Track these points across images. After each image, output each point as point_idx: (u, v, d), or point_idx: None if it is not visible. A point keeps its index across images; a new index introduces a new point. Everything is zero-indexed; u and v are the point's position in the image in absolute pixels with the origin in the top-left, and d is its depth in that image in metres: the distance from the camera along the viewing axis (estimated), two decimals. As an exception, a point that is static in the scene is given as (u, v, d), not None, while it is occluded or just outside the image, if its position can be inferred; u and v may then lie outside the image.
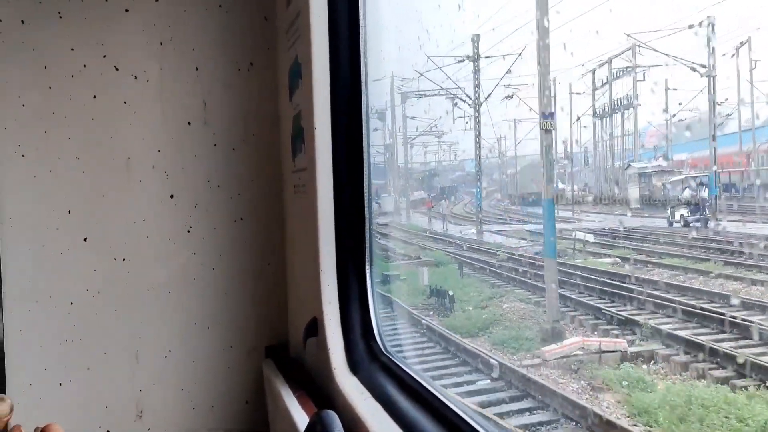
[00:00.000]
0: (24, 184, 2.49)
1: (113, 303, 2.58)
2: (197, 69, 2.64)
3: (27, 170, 2.49)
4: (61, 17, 2.51)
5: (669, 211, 14.41)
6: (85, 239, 2.55)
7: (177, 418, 2.65)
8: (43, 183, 2.51)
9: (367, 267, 2.20)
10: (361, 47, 2.21)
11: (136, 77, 2.58)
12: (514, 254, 15.81)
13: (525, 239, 17.86)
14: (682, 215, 13.54)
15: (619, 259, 12.88)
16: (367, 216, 2.20)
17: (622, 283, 10.58)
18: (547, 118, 11.31)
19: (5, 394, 1.35)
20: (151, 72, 2.60)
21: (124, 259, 2.59)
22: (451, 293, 12.52)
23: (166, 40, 2.61)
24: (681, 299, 9.04)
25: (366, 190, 2.21)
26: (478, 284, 14.09)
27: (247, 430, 2.70)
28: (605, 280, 10.92)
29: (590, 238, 15.63)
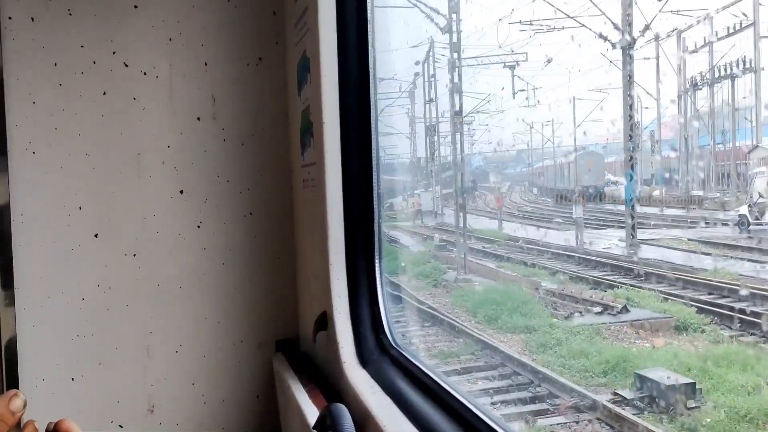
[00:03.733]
0: (35, 181, 2.50)
1: (124, 298, 2.59)
2: (206, 64, 2.64)
3: (38, 167, 2.50)
4: (70, 14, 2.51)
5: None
6: (96, 235, 2.56)
7: (188, 412, 2.66)
8: (54, 179, 2.52)
9: (377, 260, 2.20)
10: (370, 40, 2.21)
11: (145, 73, 2.59)
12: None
13: (726, 256, 11.59)
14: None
15: None
16: (376, 210, 2.20)
17: None
18: None
19: (18, 389, 1.36)
20: (161, 68, 2.61)
21: (134, 255, 2.60)
22: None
23: (175, 36, 2.61)
24: None
25: (375, 184, 2.21)
26: None
27: (258, 424, 2.71)
28: None
29: None
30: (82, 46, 2.53)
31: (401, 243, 20.47)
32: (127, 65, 2.57)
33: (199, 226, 2.66)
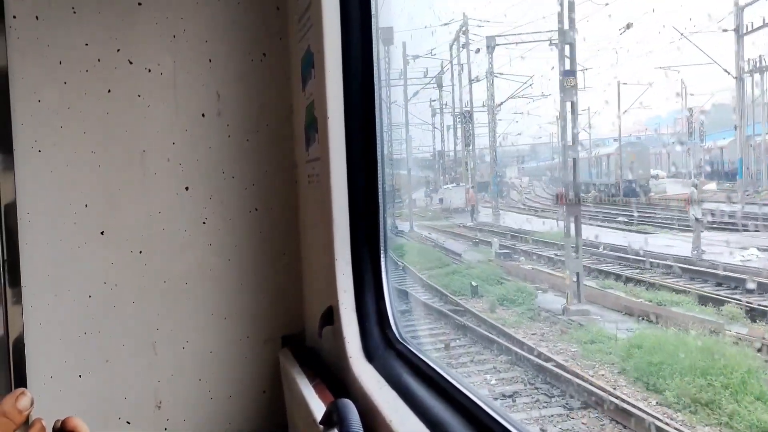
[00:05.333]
0: (41, 179, 2.50)
1: (131, 295, 2.60)
2: (210, 61, 2.64)
3: (44, 165, 2.50)
4: (74, 12, 2.52)
5: None
6: (102, 233, 2.57)
7: (195, 408, 2.66)
8: (60, 178, 2.53)
9: (382, 254, 2.20)
10: (374, 35, 2.20)
11: (149, 70, 2.59)
12: None
13: None
14: None
15: None
16: (381, 204, 2.20)
17: None
18: None
19: (26, 387, 1.36)
20: (165, 65, 2.61)
21: (140, 252, 2.60)
22: None
23: (179, 33, 2.62)
24: None
25: (380, 178, 2.21)
26: None
27: (265, 419, 2.71)
28: None
29: None
30: (86, 44, 2.53)
31: (448, 248, 17.64)
32: (131, 62, 2.58)
33: (204, 223, 2.66)
